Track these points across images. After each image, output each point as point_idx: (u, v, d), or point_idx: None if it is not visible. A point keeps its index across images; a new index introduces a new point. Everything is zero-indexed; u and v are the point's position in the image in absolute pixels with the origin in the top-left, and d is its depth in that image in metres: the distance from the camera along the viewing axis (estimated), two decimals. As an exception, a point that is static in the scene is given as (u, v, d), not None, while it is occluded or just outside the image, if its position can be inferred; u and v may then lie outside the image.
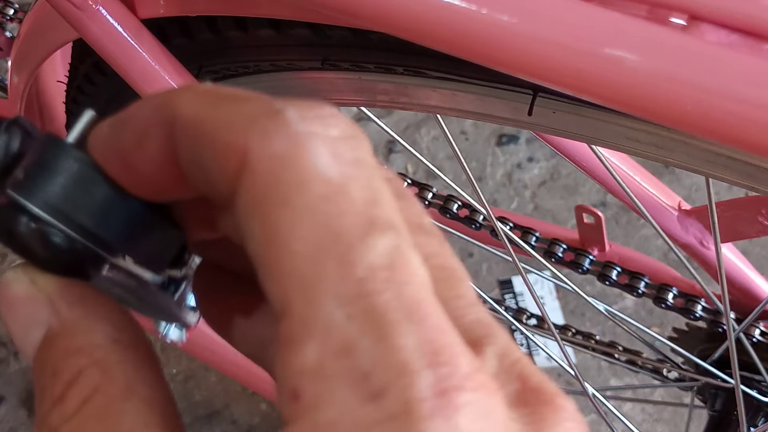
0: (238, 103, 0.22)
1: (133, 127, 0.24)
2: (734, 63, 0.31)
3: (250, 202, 0.20)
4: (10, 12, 1.06)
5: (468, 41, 0.35)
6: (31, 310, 0.25)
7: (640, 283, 0.86)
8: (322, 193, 0.20)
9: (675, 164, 0.48)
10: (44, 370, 0.24)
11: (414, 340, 0.19)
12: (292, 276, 0.20)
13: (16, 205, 0.25)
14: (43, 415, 0.23)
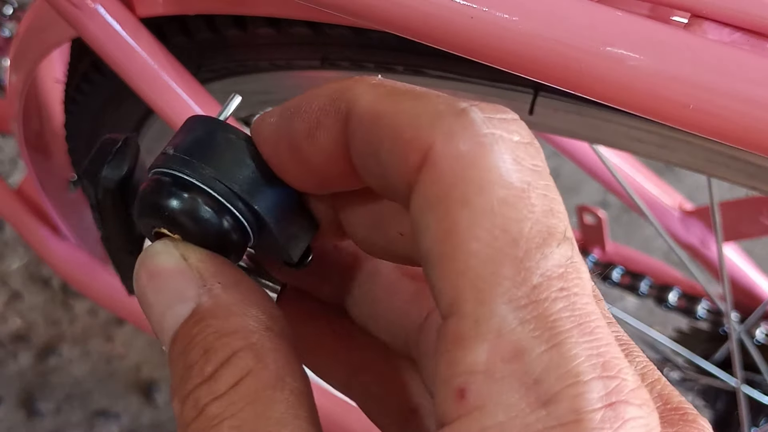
0: (420, 99, 0.22)
1: (305, 117, 0.24)
2: (736, 61, 0.31)
3: (430, 197, 0.20)
4: (9, 11, 1.06)
5: (469, 39, 0.35)
6: (179, 284, 0.25)
7: (641, 283, 0.86)
8: (503, 196, 0.20)
9: (677, 164, 0.47)
10: (192, 347, 0.23)
11: (586, 350, 0.19)
12: (466, 275, 0.20)
13: (168, 177, 0.25)
14: (189, 389, 0.23)
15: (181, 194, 0.25)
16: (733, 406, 0.86)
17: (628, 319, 0.89)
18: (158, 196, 0.25)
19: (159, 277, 0.25)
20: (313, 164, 0.24)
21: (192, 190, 0.25)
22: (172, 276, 0.25)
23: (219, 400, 0.22)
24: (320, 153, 0.24)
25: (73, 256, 1.06)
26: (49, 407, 1.46)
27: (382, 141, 0.22)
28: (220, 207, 0.25)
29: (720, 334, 0.85)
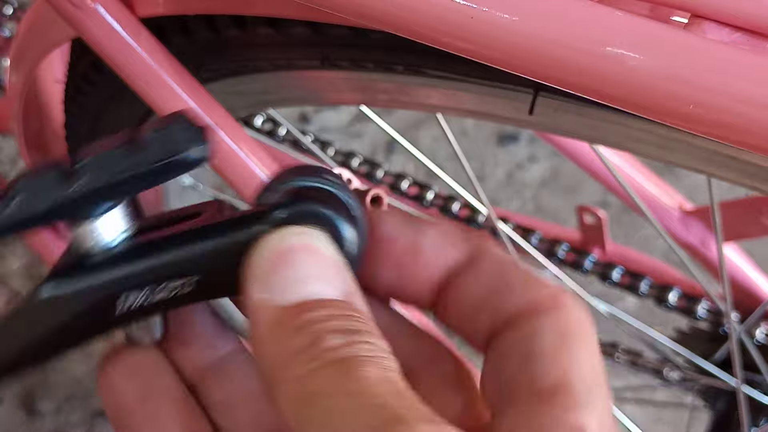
0: (536, 277, 0.30)
1: (432, 236, 0.30)
2: (736, 61, 0.31)
3: (557, 333, 0.28)
4: (9, 11, 1.06)
5: (468, 39, 0.35)
6: (323, 270, 0.27)
7: (641, 283, 0.86)
8: (595, 349, 0.28)
9: (677, 164, 0.47)
10: (309, 326, 0.25)
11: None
12: (581, 372, 0.27)
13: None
14: (317, 363, 0.24)
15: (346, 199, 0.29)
16: (733, 406, 0.86)
17: (628, 320, 0.89)
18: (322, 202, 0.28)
19: (305, 253, 0.27)
20: (408, 273, 0.30)
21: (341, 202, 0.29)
22: (323, 257, 0.27)
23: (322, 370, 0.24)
24: (426, 270, 0.30)
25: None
26: (49, 407, 1.46)
27: (513, 285, 0.29)
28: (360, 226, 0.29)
29: (720, 334, 0.85)
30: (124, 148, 0.27)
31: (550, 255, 0.90)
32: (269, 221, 0.28)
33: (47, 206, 0.27)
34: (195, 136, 0.28)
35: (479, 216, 0.91)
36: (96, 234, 0.28)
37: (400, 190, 0.89)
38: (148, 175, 0.27)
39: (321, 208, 0.28)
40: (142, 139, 0.27)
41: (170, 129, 0.27)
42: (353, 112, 1.82)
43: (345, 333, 0.25)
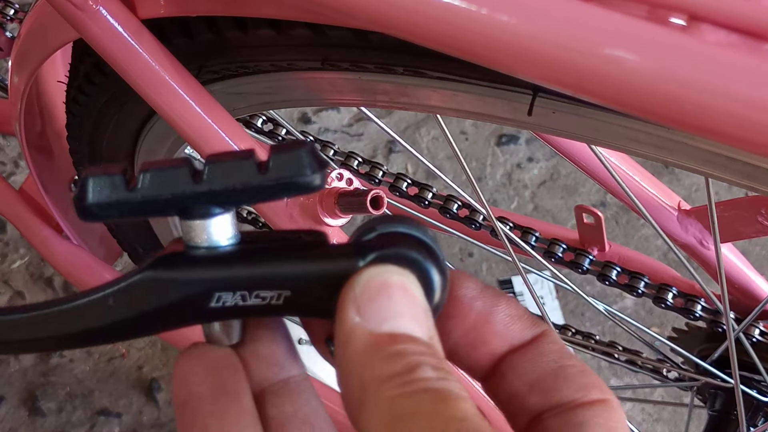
0: (590, 371, 0.32)
1: (506, 308, 0.32)
2: (734, 63, 0.31)
3: (605, 429, 0.30)
4: (11, 12, 1.06)
5: (468, 42, 0.35)
6: (417, 309, 0.29)
7: (639, 283, 0.86)
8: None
9: (674, 164, 0.48)
10: (417, 362, 0.27)
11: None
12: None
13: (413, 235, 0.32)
14: (405, 390, 0.26)
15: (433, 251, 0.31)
16: (731, 405, 0.87)
17: (626, 319, 0.89)
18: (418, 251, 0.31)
19: (401, 290, 0.29)
20: (476, 339, 0.32)
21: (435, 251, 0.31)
22: (414, 298, 0.29)
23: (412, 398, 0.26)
24: (494, 341, 0.32)
25: (75, 255, 1.06)
26: (51, 407, 1.46)
27: (570, 374, 0.31)
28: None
29: (718, 333, 0.86)
30: (250, 162, 0.30)
31: (549, 255, 0.90)
32: (368, 257, 0.30)
33: (174, 194, 0.30)
34: (315, 165, 0.30)
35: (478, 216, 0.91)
36: (206, 233, 0.31)
37: (400, 191, 0.89)
38: (267, 190, 0.30)
39: (416, 255, 0.30)
40: (267, 158, 0.30)
41: (296, 153, 0.30)
42: (354, 112, 1.82)
43: (436, 369, 0.27)
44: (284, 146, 0.30)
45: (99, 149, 0.79)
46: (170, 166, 0.30)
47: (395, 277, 0.29)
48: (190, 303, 0.31)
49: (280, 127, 0.96)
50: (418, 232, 0.31)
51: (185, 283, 0.31)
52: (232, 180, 0.30)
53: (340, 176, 0.59)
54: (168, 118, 0.57)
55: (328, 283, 0.30)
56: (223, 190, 0.30)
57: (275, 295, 0.31)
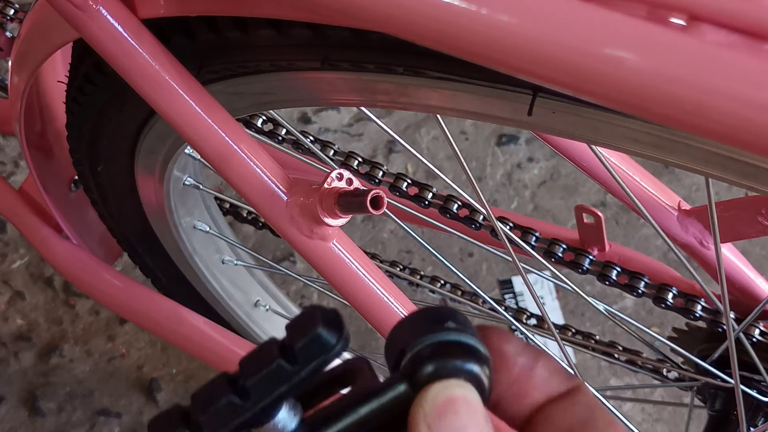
0: (619, 423, 0.32)
1: (541, 370, 0.35)
2: (734, 63, 0.31)
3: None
4: (11, 12, 1.06)
5: (468, 42, 0.35)
6: (479, 420, 0.32)
7: (639, 283, 0.86)
8: None
9: (674, 164, 0.48)
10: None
11: None
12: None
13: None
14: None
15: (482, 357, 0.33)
16: (731, 405, 0.87)
17: (626, 319, 0.89)
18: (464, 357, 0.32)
19: (464, 404, 0.32)
20: (517, 391, 0.35)
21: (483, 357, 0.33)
22: (476, 409, 0.32)
23: None
24: (534, 392, 0.35)
25: (75, 255, 1.06)
26: (51, 407, 1.46)
27: (600, 425, 0.33)
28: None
29: (718, 333, 0.86)
30: (280, 362, 0.32)
31: (549, 255, 0.90)
32: (425, 374, 0.32)
33: (233, 427, 0.32)
34: (335, 332, 0.32)
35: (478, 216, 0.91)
36: (275, 429, 0.33)
37: (400, 190, 0.89)
38: (305, 382, 0.32)
39: (468, 365, 0.32)
40: (293, 351, 0.32)
41: (315, 335, 0.32)
42: (354, 112, 1.82)
43: None
44: (300, 329, 0.32)
45: (99, 149, 0.79)
46: (215, 399, 0.32)
47: (457, 390, 0.32)
48: None
49: (280, 127, 0.96)
50: (462, 336, 0.33)
51: None
52: (274, 388, 0.32)
53: (340, 176, 0.59)
54: (168, 118, 0.57)
55: (394, 414, 0.33)
56: (270, 402, 0.32)
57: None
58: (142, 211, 0.93)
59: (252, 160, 0.57)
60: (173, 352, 1.50)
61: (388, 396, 0.33)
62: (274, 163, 0.58)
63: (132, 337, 1.53)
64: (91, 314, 1.55)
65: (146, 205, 0.91)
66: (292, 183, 0.59)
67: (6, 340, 1.52)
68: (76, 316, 1.55)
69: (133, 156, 0.79)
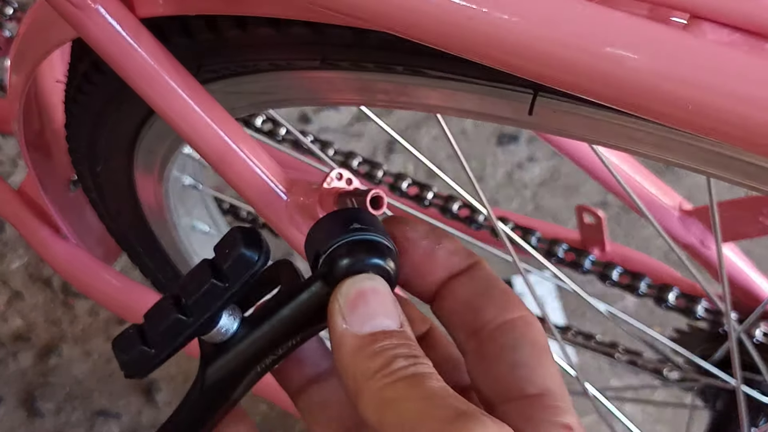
0: (514, 294, 0.40)
1: (443, 252, 0.40)
2: (735, 62, 0.31)
3: (533, 347, 0.37)
4: (9, 11, 1.06)
5: (468, 40, 0.35)
6: (387, 305, 0.36)
7: (640, 283, 0.86)
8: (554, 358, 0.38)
9: (676, 164, 0.47)
10: (394, 353, 0.34)
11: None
12: (560, 390, 0.36)
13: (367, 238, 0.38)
14: (389, 379, 0.34)
15: (387, 249, 0.37)
16: (733, 406, 0.86)
17: (627, 319, 0.89)
18: (366, 253, 0.37)
19: (373, 294, 0.36)
20: (422, 271, 0.39)
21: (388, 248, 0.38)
22: (384, 297, 0.36)
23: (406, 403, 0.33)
24: (436, 271, 0.39)
25: (74, 255, 1.06)
26: (50, 407, 1.46)
27: (497, 294, 0.40)
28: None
29: (719, 333, 0.86)
30: (213, 282, 0.37)
31: (550, 255, 0.90)
32: (336, 276, 0.37)
33: (183, 338, 0.38)
34: (256, 249, 0.38)
35: (479, 216, 0.91)
36: (219, 333, 0.39)
37: (400, 190, 0.89)
38: (238, 294, 0.38)
39: (374, 260, 0.37)
40: (223, 270, 0.37)
41: (239, 255, 0.37)
42: (353, 112, 1.82)
43: (408, 357, 0.34)
44: (226, 249, 0.38)
45: (97, 149, 0.79)
46: (162, 318, 0.38)
47: (367, 283, 0.36)
48: (244, 376, 0.39)
49: (279, 127, 0.96)
50: (367, 235, 0.38)
51: (234, 368, 0.39)
52: (212, 303, 0.37)
53: (339, 176, 0.59)
54: (167, 118, 0.57)
55: (319, 305, 0.37)
56: (211, 314, 0.38)
57: (296, 339, 0.39)
58: (141, 211, 0.93)
59: (251, 159, 0.57)
60: (173, 353, 1.50)
61: (309, 294, 0.38)
62: (274, 162, 0.58)
63: (132, 337, 1.53)
64: (90, 315, 1.55)
65: (145, 205, 0.91)
66: (291, 183, 0.59)
67: (5, 341, 1.52)
68: (75, 317, 1.55)
69: (132, 156, 0.79)
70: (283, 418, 1.43)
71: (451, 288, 0.39)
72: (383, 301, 0.36)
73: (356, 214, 0.39)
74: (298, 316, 0.38)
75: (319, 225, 0.39)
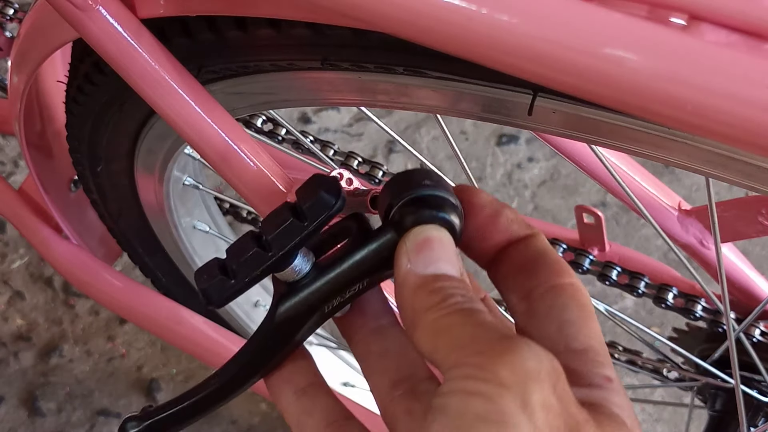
0: (565, 263, 0.42)
1: (504, 218, 0.42)
2: (734, 63, 0.31)
3: (580, 308, 0.40)
4: (10, 12, 1.06)
5: (468, 41, 0.35)
6: (451, 254, 0.39)
7: (640, 283, 0.86)
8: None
9: (675, 164, 0.48)
10: (451, 294, 0.37)
11: None
12: (601, 347, 0.40)
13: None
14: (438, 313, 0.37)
15: (454, 206, 0.40)
16: (732, 405, 0.87)
17: (627, 319, 0.89)
18: (439, 207, 0.40)
19: (438, 242, 0.39)
20: (484, 234, 0.42)
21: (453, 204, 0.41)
22: (448, 247, 0.39)
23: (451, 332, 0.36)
24: (498, 235, 0.42)
25: (75, 255, 1.06)
26: (51, 407, 1.46)
27: (551, 262, 0.41)
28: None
29: (718, 333, 0.86)
30: (293, 221, 0.40)
31: (550, 255, 0.90)
32: (406, 224, 0.40)
33: (261, 271, 0.41)
34: (334, 194, 0.41)
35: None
36: (293, 272, 0.42)
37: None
38: (314, 234, 0.41)
39: (444, 214, 0.40)
40: (302, 211, 0.41)
41: (318, 197, 0.41)
42: (354, 112, 1.82)
43: (464, 296, 0.37)
44: (307, 192, 0.41)
45: (98, 149, 0.79)
46: (245, 252, 0.41)
47: (434, 233, 0.39)
48: (313, 316, 0.42)
49: (280, 127, 0.96)
50: (437, 191, 0.40)
51: (304, 307, 0.42)
52: (290, 240, 0.40)
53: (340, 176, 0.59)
54: (167, 118, 0.57)
55: (389, 251, 0.41)
56: (288, 251, 0.41)
57: (363, 283, 0.42)
58: (142, 211, 0.93)
59: (252, 160, 0.57)
60: (173, 352, 1.50)
61: (380, 241, 0.41)
62: (274, 162, 0.58)
63: (132, 337, 1.53)
64: (90, 314, 1.55)
65: (146, 205, 0.91)
66: (291, 183, 0.59)
67: (6, 340, 1.52)
68: (76, 316, 1.55)
69: (133, 156, 0.79)
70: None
71: (508, 253, 0.42)
72: (447, 250, 0.39)
73: (427, 173, 0.41)
74: (367, 260, 0.41)
75: (393, 180, 0.42)
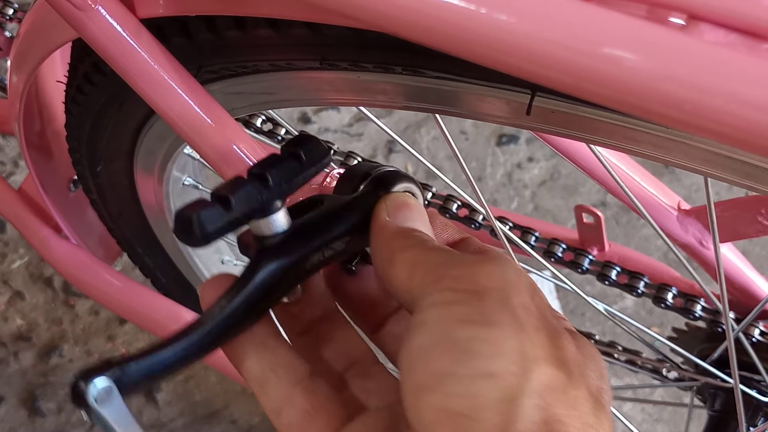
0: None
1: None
2: (733, 63, 0.31)
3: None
4: (10, 11, 1.06)
5: (466, 41, 0.35)
6: (422, 216, 0.45)
7: (639, 282, 0.86)
8: None
9: (674, 164, 0.48)
10: (418, 236, 0.42)
11: None
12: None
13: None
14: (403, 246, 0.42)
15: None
16: (731, 405, 0.87)
17: (626, 319, 0.89)
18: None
19: (415, 206, 0.45)
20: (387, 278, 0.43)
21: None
22: (423, 213, 0.45)
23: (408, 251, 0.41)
24: (395, 280, 0.42)
25: (75, 255, 1.06)
26: (51, 407, 1.46)
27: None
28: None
29: (718, 333, 0.86)
30: (291, 161, 0.43)
31: (549, 255, 0.91)
32: (387, 185, 0.45)
33: (260, 204, 0.42)
34: (322, 149, 0.44)
35: (478, 216, 0.91)
36: (272, 225, 0.43)
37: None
38: (309, 176, 0.44)
39: (412, 185, 0.46)
40: (301, 155, 0.43)
41: (315, 143, 0.44)
42: (354, 112, 1.82)
43: (435, 243, 0.42)
44: (296, 146, 0.44)
45: (98, 149, 0.79)
46: (245, 184, 0.42)
47: (411, 199, 0.45)
48: (293, 271, 0.44)
49: (279, 127, 0.96)
50: (405, 174, 0.46)
51: (288, 261, 0.43)
52: (284, 181, 0.42)
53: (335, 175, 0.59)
54: (167, 118, 0.57)
55: (364, 219, 0.44)
56: (287, 187, 0.43)
57: (342, 243, 0.44)
58: (142, 211, 0.93)
59: (251, 160, 0.57)
60: (173, 352, 1.50)
61: (359, 199, 0.45)
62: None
63: (132, 337, 1.53)
64: (90, 314, 1.55)
65: (145, 205, 0.91)
66: (291, 183, 0.59)
67: (6, 340, 1.52)
68: (76, 316, 1.56)
69: (133, 156, 0.79)
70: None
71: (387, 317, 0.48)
72: (422, 214, 0.45)
73: (396, 171, 0.47)
74: (345, 215, 0.45)
75: (360, 164, 0.47)
